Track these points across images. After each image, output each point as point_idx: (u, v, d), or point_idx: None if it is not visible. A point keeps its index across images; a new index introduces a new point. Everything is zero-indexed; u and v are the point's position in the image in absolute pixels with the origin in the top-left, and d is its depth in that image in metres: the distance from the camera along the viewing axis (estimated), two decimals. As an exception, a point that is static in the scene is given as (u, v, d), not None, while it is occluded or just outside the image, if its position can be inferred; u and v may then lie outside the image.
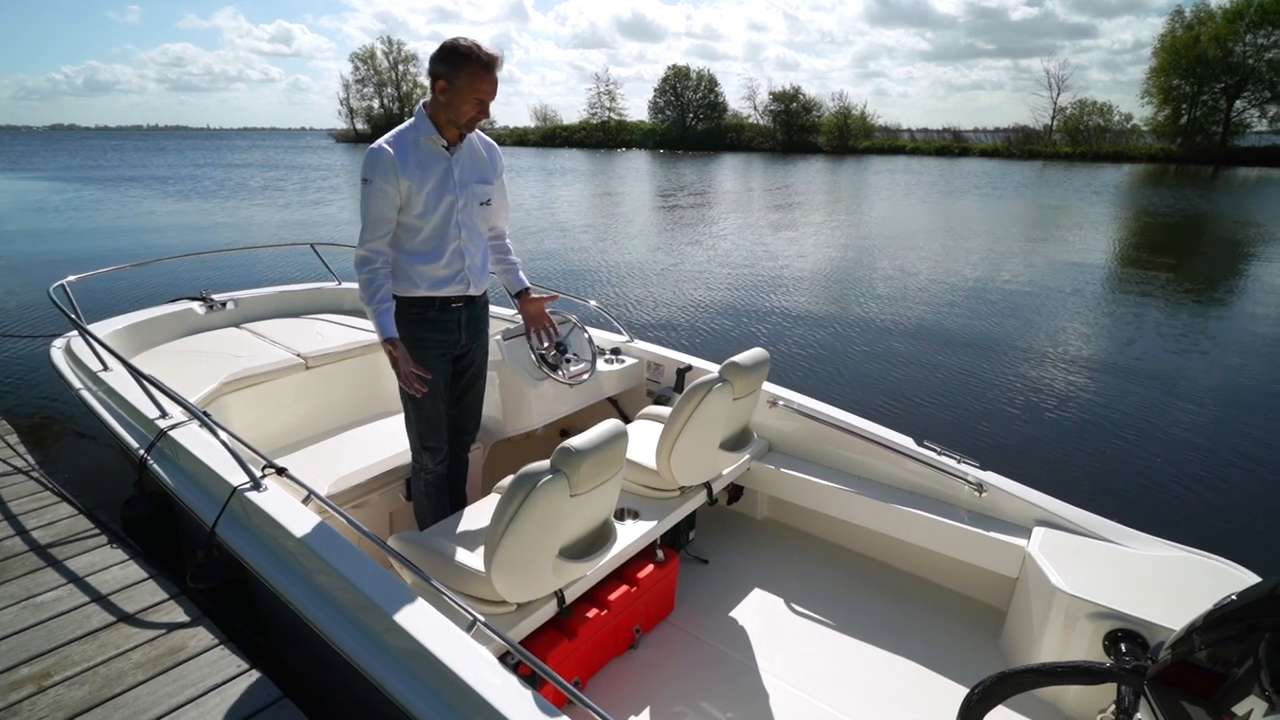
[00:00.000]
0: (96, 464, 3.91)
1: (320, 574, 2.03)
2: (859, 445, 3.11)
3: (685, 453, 2.69)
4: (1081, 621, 2.23)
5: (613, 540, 2.27)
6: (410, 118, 2.42)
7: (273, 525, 2.19)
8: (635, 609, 2.56)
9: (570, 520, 2.05)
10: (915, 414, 5.79)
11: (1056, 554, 2.46)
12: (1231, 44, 48.22)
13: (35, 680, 2.02)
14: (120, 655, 2.11)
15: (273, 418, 3.87)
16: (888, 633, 2.70)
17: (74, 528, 2.82)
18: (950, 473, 2.86)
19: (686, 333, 8.04)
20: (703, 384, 2.63)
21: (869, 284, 10.85)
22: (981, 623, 2.75)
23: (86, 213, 18.51)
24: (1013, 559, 2.62)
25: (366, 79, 79.78)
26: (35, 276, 10.57)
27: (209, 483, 2.48)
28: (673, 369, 3.69)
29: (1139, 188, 30.02)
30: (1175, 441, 5.40)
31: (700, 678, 2.47)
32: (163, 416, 2.82)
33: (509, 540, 1.91)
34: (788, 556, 3.19)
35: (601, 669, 2.48)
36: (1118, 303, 9.96)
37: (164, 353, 3.96)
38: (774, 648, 2.61)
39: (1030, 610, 2.45)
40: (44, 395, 5.59)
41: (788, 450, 3.34)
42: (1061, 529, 2.62)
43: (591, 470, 1.96)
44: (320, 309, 4.94)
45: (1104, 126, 55.14)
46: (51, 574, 2.51)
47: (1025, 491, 2.76)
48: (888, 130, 65.87)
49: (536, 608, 2.17)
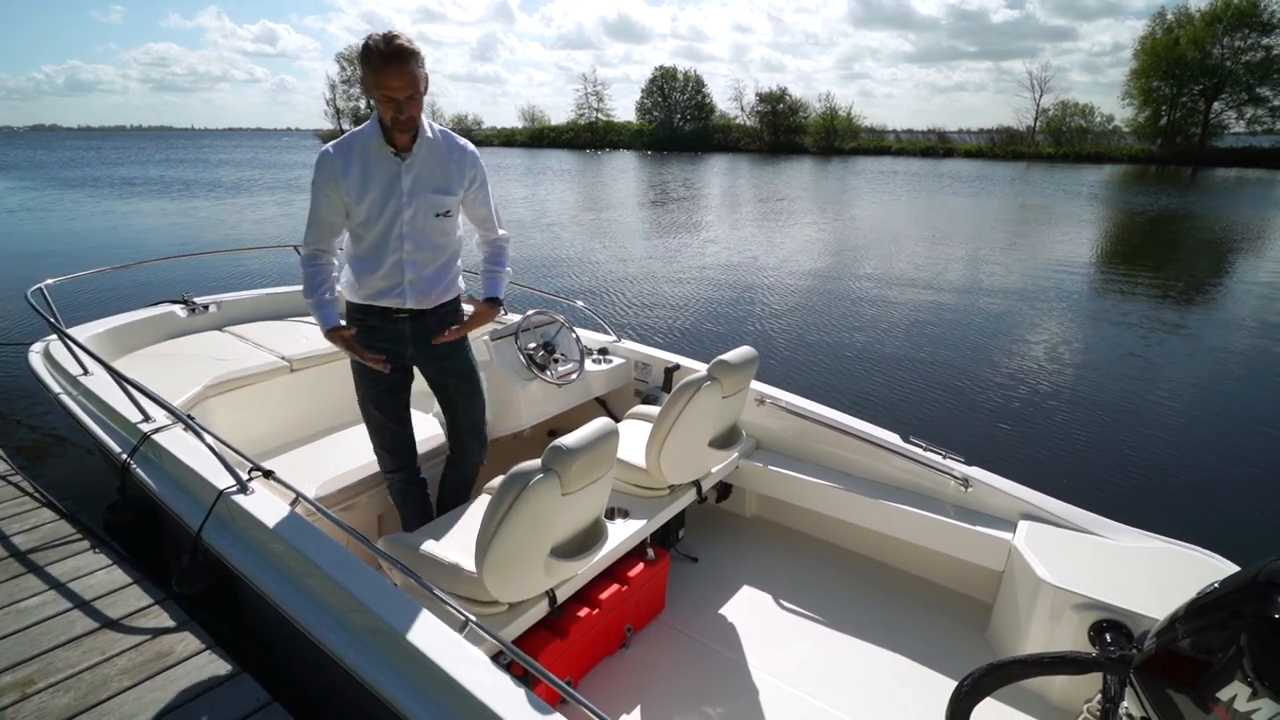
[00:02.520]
0: (78, 469, 3.87)
1: (309, 577, 2.02)
2: (846, 442, 3.13)
3: (675, 451, 2.70)
4: (1067, 613, 2.25)
5: (604, 539, 2.27)
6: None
7: (260, 529, 2.17)
8: (626, 608, 2.57)
9: (562, 519, 2.05)
10: (901, 411, 5.84)
11: (1041, 547, 2.48)
12: (1210, 46, 48.88)
13: (19, 687, 1.99)
14: (106, 661, 2.09)
15: (257, 421, 3.83)
16: (877, 628, 2.71)
17: (56, 532, 2.78)
18: (936, 468, 2.88)
19: (673, 333, 8.06)
20: (692, 382, 2.63)
21: (855, 283, 10.92)
22: (969, 616, 2.78)
23: (63, 214, 18.27)
24: (999, 552, 2.65)
25: (353, 79, 79.22)
26: (10, 279, 10.44)
27: (194, 486, 2.45)
28: (660, 368, 3.70)
29: (1121, 187, 30.42)
30: (1155, 436, 5.48)
31: (692, 676, 2.47)
32: (146, 420, 2.78)
33: (500, 540, 1.91)
34: (777, 553, 3.20)
35: (593, 668, 2.48)
36: (1099, 300, 10.10)
37: (145, 356, 3.92)
38: (765, 645, 2.62)
39: (1017, 603, 2.47)
40: (22, 400, 5.51)
41: (776, 448, 3.35)
42: (1046, 522, 2.65)
43: (583, 469, 1.96)
44: (304, 311, 4.91)
45: (1086, 128, 55.80)
46: (34, 579, 2.48)
47: (1010, 486, 2.79)
48: (873, 131, 66.28)
49: (528, 607, 2.16)
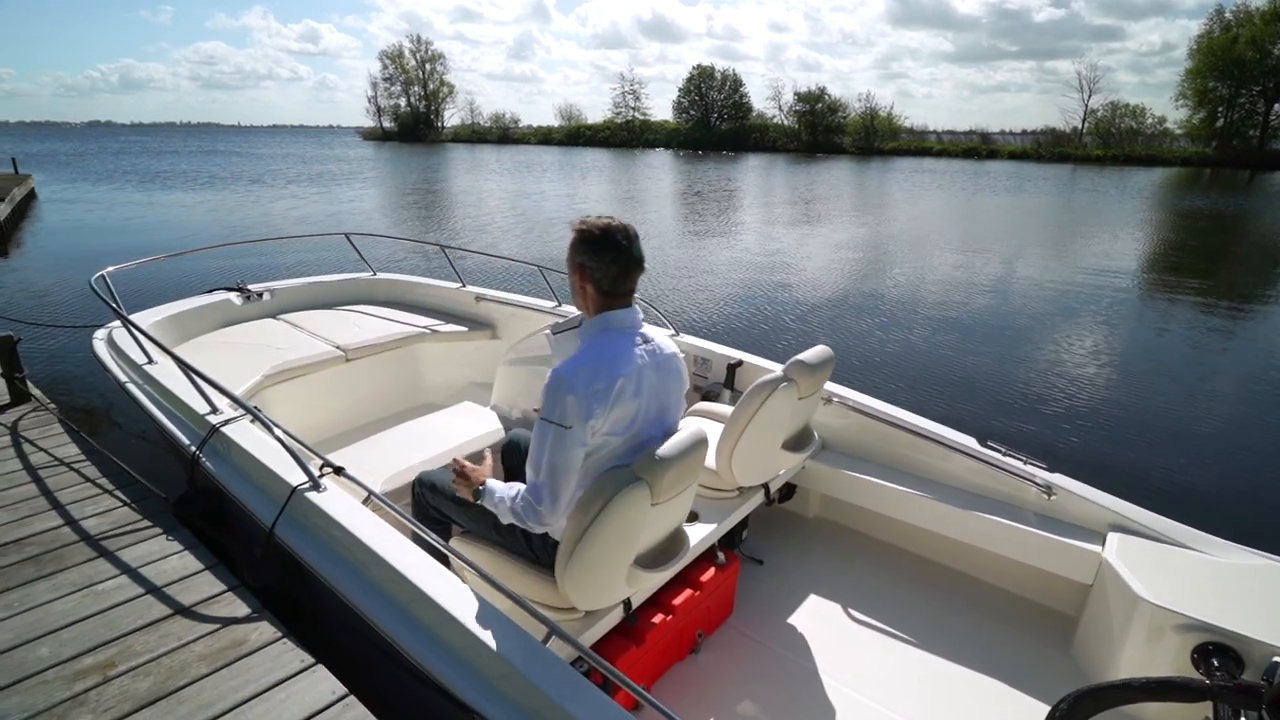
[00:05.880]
0: (144, 456, 3.91)
1: (389, 582, 1.99)
2: (917, 444, 3.02)
3: (746, 453, 2.63)
4: (1167, 634, 2.13)
5: (685, 548, 2.21)
6: (437, 119, 2.26)
7: (335, 527, 2.15)
8: (698, 613, 2.50)
9: (648, 529, 1.99)
10: (975, 413, 5.63)
11: (1136, 561, 2.36)
12: (1270, 46, 47.14)
13: (100, 670, 1.99)
14: (183, 647, 2.08)
15: (313, 411, 3.86)
16: (953, 638, 2.61)
17: (128, 517, 2.80)
18: (1016, 474, 2.77)
19: (730, 329, 7.93)
20: (767, 382, 2.56)
21: (920, 282, 10.68)
22: (1051, 631, 2.66)
23: (116, 204, 18.80)
24: (1087, 565, 2.53)
25: (394, 77, 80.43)
26: (65, 265, 10.76)
27: (265, 481, 2.45)
28: (722, 364, 3.62)
29: (1183, 190, 29.37)
30: (1257, 445, 5.18)
31: (764, 683, 2.40)
32: (213, 412, 2.80)
33: (584, 549, 1.84)
34: (843, 556, 3.11)
35: (664, 674, 2.42)
36: (1193, 305, 9.60)
37: (203, 344, 3.97)
38: (836, 652, 2.54)
39: (1109, 620, 2.36)
40: (87, 386, 5.63)
41: (842, 448, 3.26)
42: (1138, 534, 2.52)
43: (674, 478, 1.89)
44: (355, 300, 4.94)
45: (1136, 129, 54.22)
46: (110, 563, 2.49)
47: (1097, 495, 2.66)
48: (913, 132, 65.25)
49: (604, 614, 2.11)
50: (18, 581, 2.39)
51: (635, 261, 1.88)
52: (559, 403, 1.76)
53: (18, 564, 2.49)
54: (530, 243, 13.92)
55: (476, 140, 77.19)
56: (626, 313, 1.92)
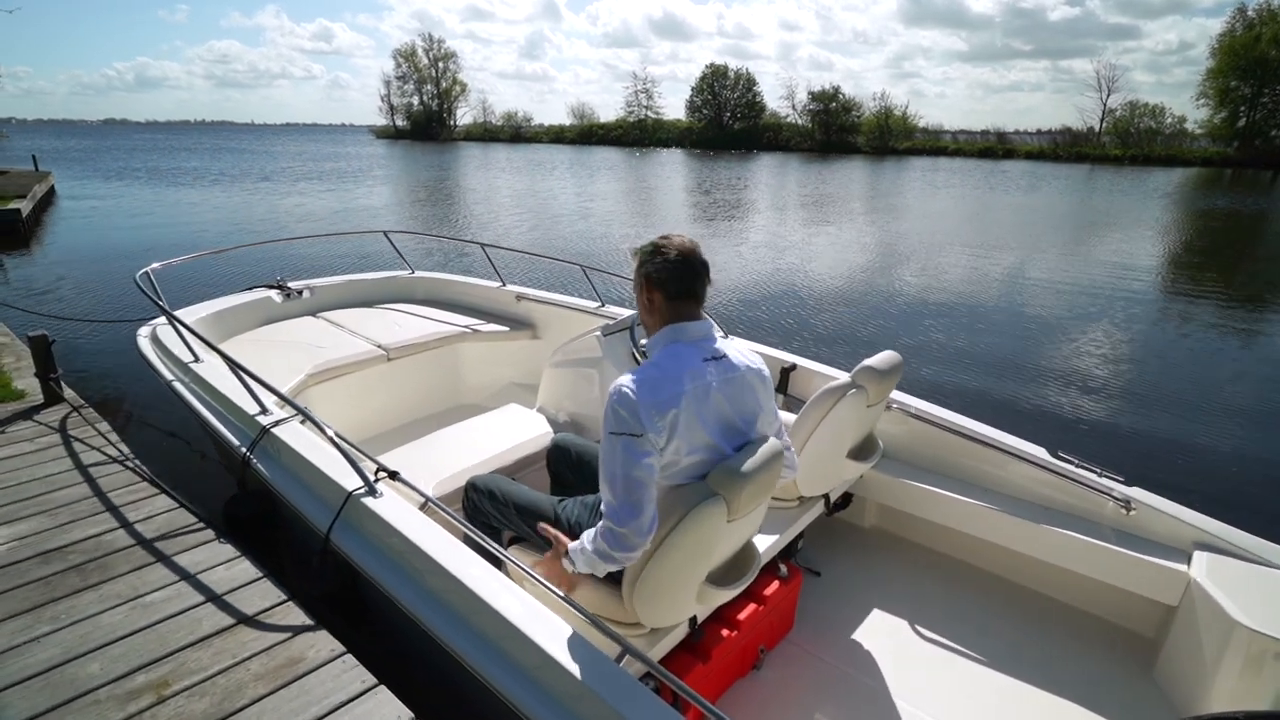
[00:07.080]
0: (191, 456, 3.86)
1: (450, 593, 1.90)
2: (984, 454, 2.91)
3: (811, 462, 2.52)
4: (1269, 663, 2.00)
5: (755, 564, 2.11)
6: (449, 118, 2.17)
7: (392, 534, 2.07)
8: (761, 627, 2.40)
9: (722, 545, 1.89)
10: (1046, 423, 5.41)
11: (1229, 583, 2.23)
12: (1294, 44, 46.48)
13: (154, 689, 1.91)
14: (238, 665, 2.00)
15: (355, 411, 3.79)
16: (1024, 658, 2.50)
17: (175, 522, 2.73)
18: (1092, 487, 2.65)
19: (780, 331, 7.76)
20: (834, 389, 2.46)
21: (976, 282, 10.41)
22: (1131, 652, 2.54)
23: (137, 202, 18.86)
24: (1172, 585, 2.40)
25: (407, 76, 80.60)
26: (98, 260, 10.74)
27: (319, 485, 2.37)
28: (776, 368, 3.51)
29: (1211, 190, 28.85)
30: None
31: (828, 700, 2.31)
32: (263, 413, 2.72)
33: (656, 566, 1.75)
34: (905, 569, 3.00)
35: (726, 690, 2.32)
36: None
37: (246, 342, 3.91)
38: (901, 670, 2.44)
39: (1200, 644, 2.23)
40: (119, 385, 5.55)
41: (902, 457, 3.14)
42: (1228, 554, 2.39)
43: (752, 494, 1.78)
44: (394, 298, 4.88)
45: (1156, 129, 53.61)
46: (158, 571, 2.42)
47: (1180, 510, 2.53)
48: (928, 131, 64.80)
49: (669, 630, 2.02)
50: (64, 592, 2.32)
51: (701, 266, 1.81)
52: (625, 413, 1.67)
53: (61, 573, 2.42)
54: (554, 239, 13.80)
55: (489, 139, 77.25)
56: (696, 325, 1.82)
